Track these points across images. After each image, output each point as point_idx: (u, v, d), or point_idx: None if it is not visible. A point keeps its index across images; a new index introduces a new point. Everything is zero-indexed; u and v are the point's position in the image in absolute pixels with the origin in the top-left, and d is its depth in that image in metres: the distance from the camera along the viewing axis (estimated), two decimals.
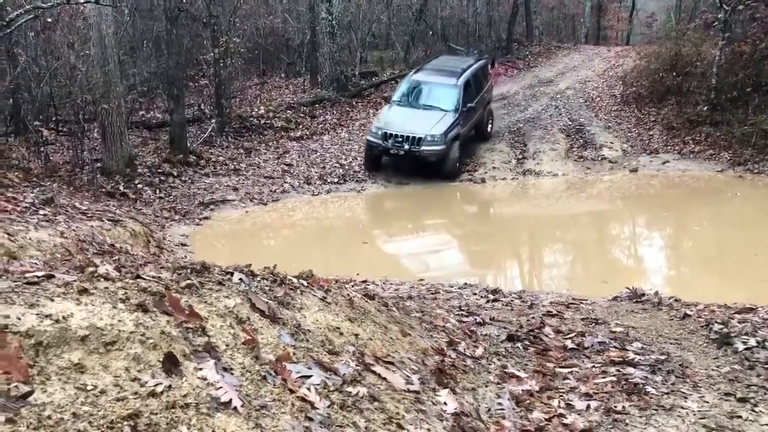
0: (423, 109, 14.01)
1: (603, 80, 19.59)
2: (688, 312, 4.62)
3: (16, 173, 9.55)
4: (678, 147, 14.26)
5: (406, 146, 13.05)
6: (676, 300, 5.12)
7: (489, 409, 2.62)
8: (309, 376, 2.02)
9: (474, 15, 24.85)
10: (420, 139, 13.03)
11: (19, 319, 1.51)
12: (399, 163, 13.70)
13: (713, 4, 15.68)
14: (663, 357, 3.57)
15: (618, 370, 3.35)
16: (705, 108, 14.52)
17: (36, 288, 1.74)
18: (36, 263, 5.15)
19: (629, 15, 35.27)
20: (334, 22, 18.41)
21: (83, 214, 7.99)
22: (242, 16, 19.50)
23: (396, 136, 13.13)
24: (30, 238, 5.81)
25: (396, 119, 13.72)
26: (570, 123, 15.99)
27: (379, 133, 13.38)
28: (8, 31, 9.16)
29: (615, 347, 3.81)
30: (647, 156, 14.10)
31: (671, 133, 14.84)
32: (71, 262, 5.61)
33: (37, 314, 1.55)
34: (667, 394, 2.98)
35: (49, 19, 12.44)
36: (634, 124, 15.81)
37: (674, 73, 15.88)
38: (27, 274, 1.90)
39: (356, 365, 2.29)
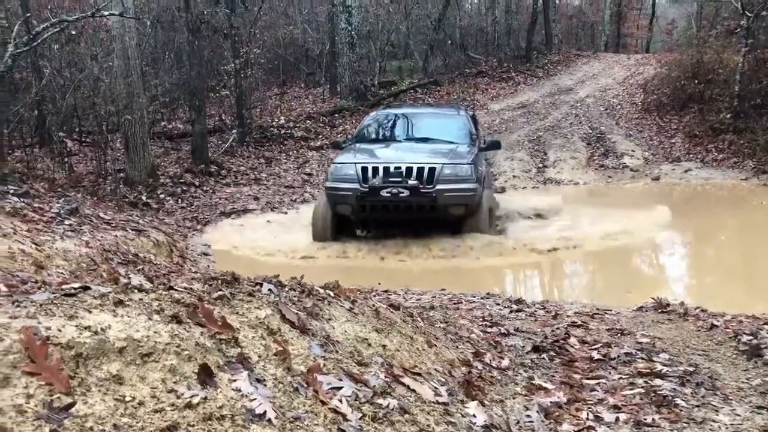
0: (418, 142, 9.11)
1: (623, 88, 19.51)
2: (715, 322, 4.56)
3: (41, 184, 9.70)
4: (700, 155, 14.14)
5: (412, 182, 7.86)
6: (702, 310, 5.05)
7: (518, 422, 2.60)
8: (340, 388, 2.02)
9: (493, 24, 24.90)
10: (433, 170, 7.97)
11: (60, 330, 1.53)
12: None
13: (735, 10, 15.55)
14: (691, 368, 3.53)
15: (646, 382, 3.31)
16: (728, 115, 14.40)
17: (74, 300, 1.76)
18: (62, 273, 5.21)
19: (649, 22, 35.14)
20: (353, 33, 18.54)
21: (107, 223, 8.09)
22: (262, 27, 19.71)
23: (390, 169, 8.02)
24: (56, 248, 5.89)
25: (380, 152, 8.89)
26: (590, 131, 15.92)
27: (353, 171, 8.13)
28: (34, 44, 9.32)
29: (642, 358, 3.77)
30: (669, 164, 14.00)
31: (693, 141, 14.73)
32: (96, 271, 5.68)
33: (77, 326, 1.58)
34: (698, 406, 2.94)
35: (73, 32, 12.66)
36: (655, 132, 15.72)
37: (696, 81, 15.79)
38: (64, 286, 1.93)
39: (385, 377, 2.29)
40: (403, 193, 7.86)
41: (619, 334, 4.46)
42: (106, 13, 9.91)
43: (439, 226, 8.37)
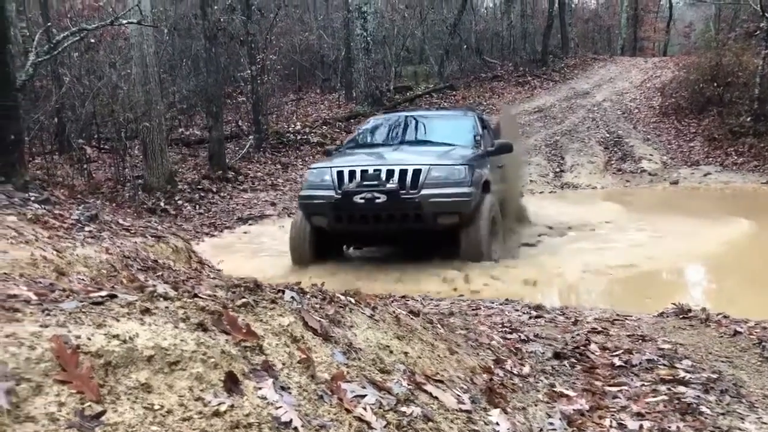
0: (413, 145, 8.00)
1: (641, 92, 19.40)
2: (738, 329, 4.51)
3: (61, 190, 9.80)
4: (720, 159, 14.03)
5: (390, 186, 6.68)
6: (724, 316, 4.99)
7: (541, 429, 2.58)
8: (364, 396, 2.02)
9: (508, 28, 24.85)
10: (417, 172, 6.77)
11: (89, 339, 1.54)
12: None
13: (754, 12, 15.41)
14: (715, 375, 3.49)
15: (669, 389, 3.27)
16: (748, 118, 14.29)
17: (102, 308, 1.78)
18: (84, 279, 5.25)
19: (666, 25, 34.90)
20: (368, 38, 18.59)
21: (126, 230, 8.13)
22: (278, 34, 19.82)
23: (369, 171, 6.86)
24: (77, 255, 5.92)
25: (365, 156, 7.68)
26: (608, 135, 15.84)
27: (328, 177, 7.01)
28: (55, 52, 9.43)
29: (664, 365, 3.73)
30: (688, 168, 13.89)
31: (713, 145, 14.61)
32: (117, 278, 5.72)
33: (105, 334, 1.59)
34: (723, 414, 2.91)
35: (93, 40, 12.80)
36: (673, 136, 15.61)
37: (715, 84, 15.68)
38: (92, 294, 1.95)
39: (408, 384, 2.29)
40: (379, 198, 6.66)
41: (640, 341, 4.41)
42: (124, 21, 10.01)
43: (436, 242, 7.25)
